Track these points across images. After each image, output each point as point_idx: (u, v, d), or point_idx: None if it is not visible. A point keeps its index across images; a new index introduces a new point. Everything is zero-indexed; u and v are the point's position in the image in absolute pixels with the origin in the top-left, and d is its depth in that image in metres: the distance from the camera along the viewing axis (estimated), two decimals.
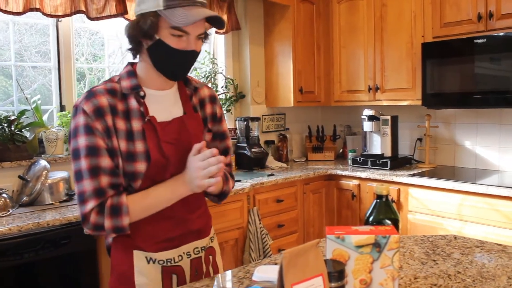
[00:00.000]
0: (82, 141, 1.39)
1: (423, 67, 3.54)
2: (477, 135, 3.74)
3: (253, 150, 3.86)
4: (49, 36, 3.17)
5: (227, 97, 4.12)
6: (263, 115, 4.29)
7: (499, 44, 3.13)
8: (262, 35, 4.30)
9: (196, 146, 1.45)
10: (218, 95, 4.04)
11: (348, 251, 1.11)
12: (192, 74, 3.81)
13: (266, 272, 1.18)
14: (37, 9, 2.80)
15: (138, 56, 1.53)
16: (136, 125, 1.45)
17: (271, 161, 4.08)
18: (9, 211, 2.45)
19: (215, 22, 1.49)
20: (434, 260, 1.60)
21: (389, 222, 1.27)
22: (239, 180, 3.31)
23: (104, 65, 3.55)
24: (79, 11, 2.97)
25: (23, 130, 2.90)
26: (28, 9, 2.76)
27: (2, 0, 2.68)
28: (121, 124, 1.43)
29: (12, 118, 2.82)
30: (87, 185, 1.37)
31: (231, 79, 4.17)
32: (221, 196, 1.72)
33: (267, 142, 4.28)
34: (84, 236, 2.41)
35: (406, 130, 4.17)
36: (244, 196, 3.21)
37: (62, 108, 3.19)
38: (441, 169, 3.77)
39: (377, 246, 1.10)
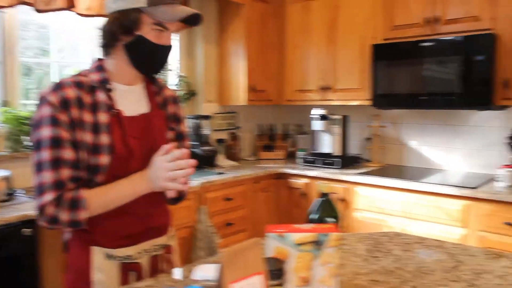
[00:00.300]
0: (46, 132, 1.37)
1: (373, 68, 3.61)
2: (423, 135, 3.86)
3: (203, 148, 3.84)
4: None
5: (179, 94, 4.08)
6: (214, 114, 4.27)
7: (445, 48, 3.23)
8: (216, 33, 4.28)
9: (165, 147, 1.45)
10: None
11: (289, 249, 1.11)
12: None
13: (206, 270, 1.17)
14: None
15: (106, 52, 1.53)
16: (103, 118, 1.45)
17: (221, 159, 4.07)
18: None
19: (190, 20, 1.54)
20: (375, 257, 1.64)
21: (331, 220, 1.28)
22: None
23: (52, 59, 3.43)
24: (25, 2, 2.85)
25: None
26: None
27: None
28: (87, 117, 1.43)
29: None
30: (47, 176, 1.36)
31: (183, 77, 4.13)
32: (177, 199, 1.73)
33: (218, 141, 4.26)
34: (25, 238, 2.35)
35: (356, 129, 4.24)
36: (193, 194, 3.19)
37: (5, 103, 3.06)
38: (388, 168, 3.86)
39: (318, 244, 1.12)
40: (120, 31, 1.45)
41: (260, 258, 0.98)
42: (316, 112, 3.90)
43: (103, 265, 1.48)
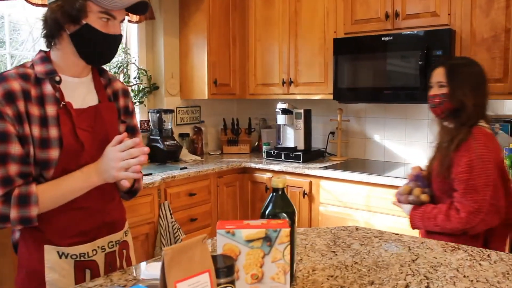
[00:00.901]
0: None
1: (335, 62, 3.60)
2: (385, 129, 3.88)
3: (166, 143, 3.77)
4: None
5: (140, 88, 3.99)
6: (177, 107, 4.20)
7: (404, 42, 3.25)
8: (177, 26, 4.20)
9: (117, 138, 1.41)
10: (131, 86, 3.92)
11: (239, 245, 1.08)
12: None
13: (155, 269, 1.13)
14: None
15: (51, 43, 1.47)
16: (51, 110, 1.40)
17: (185, 154, 4.01)
18: None
19: (137, 8, 1.48)
20: (334, 252, 1.62)
21: (284, 215, 1.25)
22: (150, 174, 3.21)
23: (8, 51, 3.30)
24: None
25: None
26: None
27: None
28: (34, 110, 1.37)
29: None
30: None
31: (144, 70, 4.04)
32: (131, 193, 1.70)
33: (182, 135, 4.20)
34: None
35: (319, 123, 4.24)
36: (155, 190, 3.12)
37: None
38: (351, 161, 3.87)
39: (268, 240, 1.08)
40: (65, 20, 1.39)
41: (207, 256, 0.95)
42: (279, 106, 3.89)
43: (56, 264, 1.43)
